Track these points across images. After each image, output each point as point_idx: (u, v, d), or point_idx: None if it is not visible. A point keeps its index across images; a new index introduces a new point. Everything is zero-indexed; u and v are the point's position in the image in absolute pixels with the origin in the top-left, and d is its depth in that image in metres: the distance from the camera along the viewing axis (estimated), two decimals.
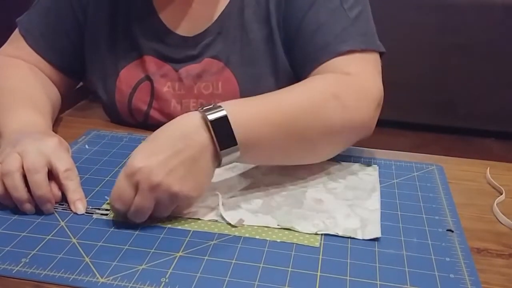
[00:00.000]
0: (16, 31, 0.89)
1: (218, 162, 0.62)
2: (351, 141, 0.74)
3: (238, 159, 0.63)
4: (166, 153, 0.59)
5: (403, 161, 0.78)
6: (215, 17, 0.84)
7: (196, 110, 0.63)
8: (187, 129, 0.61)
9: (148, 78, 0.86)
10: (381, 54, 0.79)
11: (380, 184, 0.72)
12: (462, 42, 2.43)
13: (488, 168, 0.77)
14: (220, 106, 0.62)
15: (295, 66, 0.83)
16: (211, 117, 0.60)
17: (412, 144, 0.72)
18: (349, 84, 0.72)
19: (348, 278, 0.54)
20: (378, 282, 0.53)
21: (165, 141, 0.60)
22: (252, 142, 0.63)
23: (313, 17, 0.78)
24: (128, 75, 0.87)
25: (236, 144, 0.61)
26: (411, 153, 0.81)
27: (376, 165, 0.76)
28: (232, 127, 0.61)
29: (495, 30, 2.40)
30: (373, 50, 0.78)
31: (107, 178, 0.71)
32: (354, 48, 0.75)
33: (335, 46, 0.76)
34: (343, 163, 0.76)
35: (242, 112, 0.63)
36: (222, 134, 0.61)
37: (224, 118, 0.61)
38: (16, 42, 0.89)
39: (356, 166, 0.76)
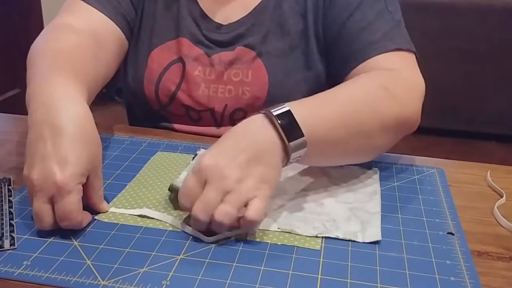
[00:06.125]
0: (69, 0, 0.86)
1: (286, 159, 0.62)
2: (400, 136, 0.75)
3: (304, 157, 0.64)
4: (232, 152, 0.59)
5: (403, 164, 0.79)
6: (251, 8, 0.87)
7: (258, 113, 0.63)
8: (251, 128, 0.62)
9: (180, 59, 0.88)
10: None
11: (381, 187, 0.72)
12: (462, 45, 2.44)
13: (489, 171, 0.77)
14: (282, 104, 0.63)
15: (335, 62, 0.84)
16: (276, 112, 0.61)
17: (413, 147, 0.73)
18: (397, 78, 0.76)
19: (348, 280, 0.54)
20: (378, 285, 0.53)
21: (230, 142, 0.61)
22: (317, 136, 0.64)
23: (360, 16, 0.81)
24: (160, 55, 0.89)
25: (303, 135, 0.61)
26: (412, 156, 0.82)
27: (376, 168, 0.76)
28: (297, 120, 0.62)
29: (495, 33, 2.40)
30: (413, 52, 0.81)
31: (109, 180, 0.71)
32: (401, 46, 0.79)
33: (384, 43, 0.79)
34: (343, 166, 0.76)
35: (303, 109, 0.64)
36: (289, 128, 0.61)
37: (288, 113, 0.62)
38: (72, 8, 0.85)
39: (356, 169, 0.76)
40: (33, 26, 2.59)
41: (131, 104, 0.99)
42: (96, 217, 0.63)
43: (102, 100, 0.91)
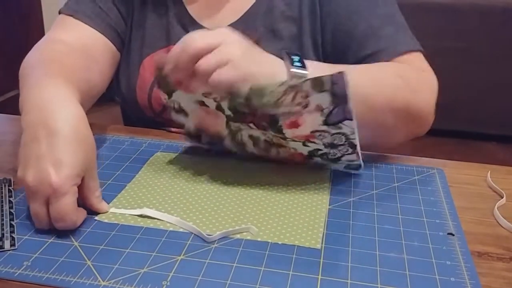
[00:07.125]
0: (59, 17, 0.87)
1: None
2: (413, 127, 0.77)
3: None
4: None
5: (404, 165, 0.79)
6: (241, 14, 0.87)
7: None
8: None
9: None
10: None
11: (381, 187, 0.72)
12: (462, 45, 2.44)
13: (489, 172, 0.77)
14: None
15: None
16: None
17: (413, 148, 0.74)
18: (412, 69, 0.78)
19: (349, 281, 0.54)
20: (379, 286, 0.53)
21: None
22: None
23: (365, 23, 0.82)
24: (152, 63, 0.89)
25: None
26: (412, 156, 0.81)
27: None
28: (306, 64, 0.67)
29: (495, 34, 2.40)
30: (421, 51, 0.83)
31: (109, 181, 0.71)
32: (412, 48, 0.82)
33: (395, 47, 0.81)
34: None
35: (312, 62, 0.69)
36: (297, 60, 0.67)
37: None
38: (62, 24, 0.87)
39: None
40: (33, 27, 2.59)
41: (125, 109, 0.99)
42: (96, 218, 0.63)
43: (101, 101, 0.91)
